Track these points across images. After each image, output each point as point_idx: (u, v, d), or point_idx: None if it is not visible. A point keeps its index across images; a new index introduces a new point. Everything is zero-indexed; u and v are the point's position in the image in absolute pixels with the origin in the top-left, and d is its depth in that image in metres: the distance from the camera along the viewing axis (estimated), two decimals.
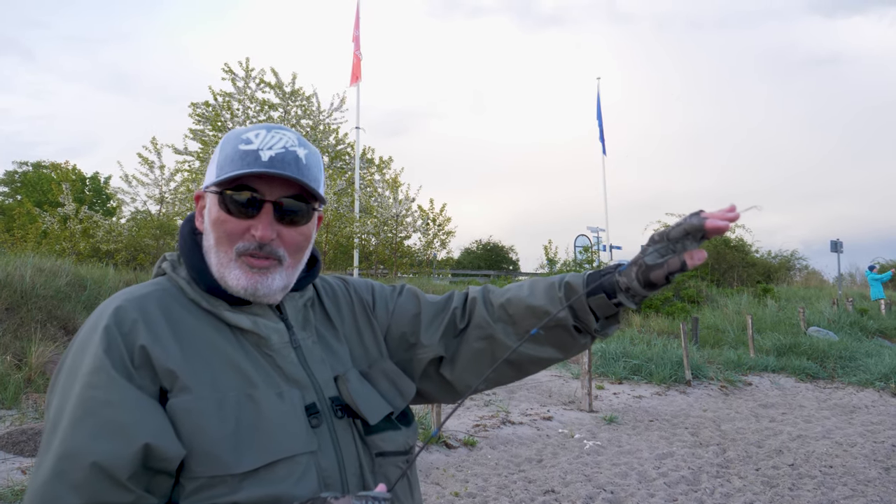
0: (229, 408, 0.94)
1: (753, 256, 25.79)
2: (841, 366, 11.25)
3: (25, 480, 4.08)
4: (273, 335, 1.04)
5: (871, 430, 7.18)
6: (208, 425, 0.92)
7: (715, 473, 5.41)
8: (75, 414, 0.89)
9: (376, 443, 1.06)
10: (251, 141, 1.03)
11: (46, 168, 30.21)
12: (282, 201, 1.03)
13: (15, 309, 7.48)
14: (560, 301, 1.10)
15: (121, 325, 0.95)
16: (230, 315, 1.02)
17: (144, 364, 0.94)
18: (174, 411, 0.92)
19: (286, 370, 1.03)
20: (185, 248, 1.08)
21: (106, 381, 0.90)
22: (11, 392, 5.95)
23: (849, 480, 5.29)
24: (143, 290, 1.03)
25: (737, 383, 9.78)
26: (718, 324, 14.61)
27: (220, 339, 1.00)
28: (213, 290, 1.03)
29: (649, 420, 7.42)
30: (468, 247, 31.78)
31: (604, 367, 10.09)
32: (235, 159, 1.02)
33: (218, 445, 0.91)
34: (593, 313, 1.08)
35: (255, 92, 17.95)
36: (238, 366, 0.99)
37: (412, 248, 19.61)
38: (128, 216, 17.14)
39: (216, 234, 1.03)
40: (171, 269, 1.08)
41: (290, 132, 1.07)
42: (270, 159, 1.01)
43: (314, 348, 1.09)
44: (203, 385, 0.95)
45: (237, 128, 1.10)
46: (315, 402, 1.03)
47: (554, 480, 5.07)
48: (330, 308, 1.18)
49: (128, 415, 0.89)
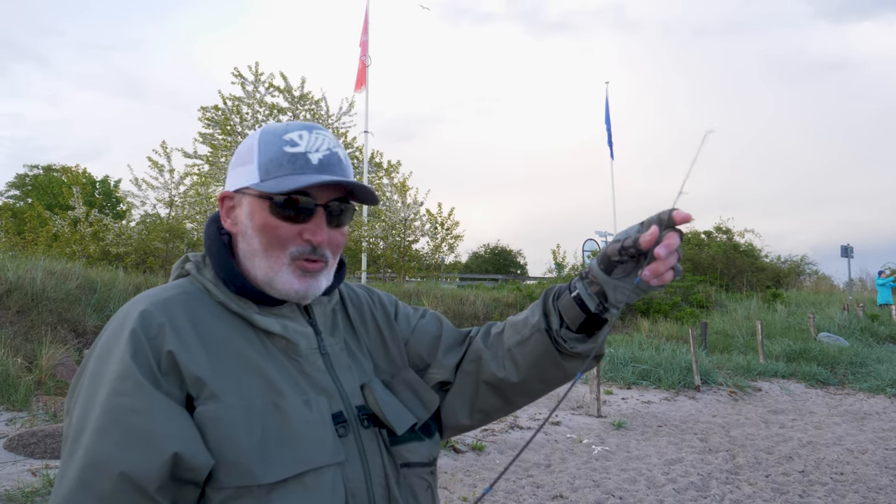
0: (256, 416, 0.92)
1: (763, 261, 25.66)
2: (851, 372, 11.16)
3: (35, 482, 4.10)
4: (302, 340, 1.03)
5: (882, 436, 7.12)
6: (236, 434, 0.90)
7: (724, 480, 5.38)
8: (101, 422, 0.86)
9: (401, 453, 1.05)
10: (296, 143, 1.01)
11: (57, 171, 30.45)
12: (331, 204, 1.02)
13: (26, 311, 7.54)
14: (538, 306, 1.10)
15: (147, 330, 0.92)
16: (259, 318, 1.00)
17: (171, 370, 0.91)
18: (202, 420, 0.90)
19: (313, 377, 1.01)
20: (214, 248, 1.05)
21: (133, 388, 0.88)
22: (22, 394, 5.99)
23: (860, 488, 5.24)
24: (167, 292, 1.01)
25: (746, 389, 9.72)
26: (728, 329, 14.52)
27: (246, 344, 0.98)
28: (242, 291, 1.01)
29: (658, 425, 7.38)
30: (476, 251, 31.77)
31: (612, 371, 10.05)
32: (284, 163, 0.99)
33: (246, 455, 0.89)
34: (563, 322, 1.05)
35: (265, 96, 18.03)
36: (264, 373, 0.96)
37: (420, 252, 19.62)
38: (137, 219, 17.25)
39: (265, 238, 1.00)
40: (196, 271, 1.05)
41: (327, 131, 1.05)
42: (320, 163, 1.00)
43: (341, 355, 1.08)
44: (230, 393, 0.92)
45: (271, 125, 1.06)
46: (342, 410, 1.01)
47: (562, 486, 5.05)
48: (354, 315, 1.17)
49: (156, 423, 0.86)
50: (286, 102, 18.50)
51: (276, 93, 18.29)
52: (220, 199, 1.07)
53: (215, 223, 1.09)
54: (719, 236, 26.51)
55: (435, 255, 19.50)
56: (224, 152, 17.02)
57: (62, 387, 6.52)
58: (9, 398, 5.95)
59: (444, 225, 19.21)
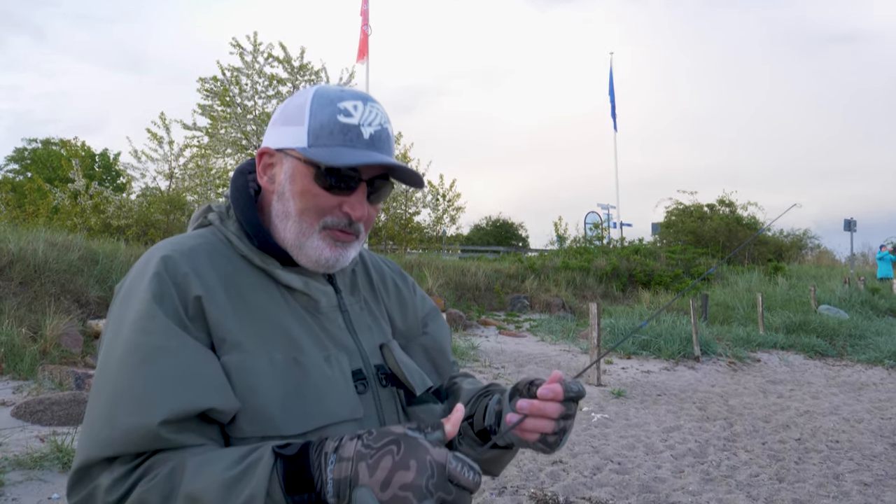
0: (279, 369, 0.92)
1: (765, 235, 25.64)
2: (850, 344, 11.23)
3: (44, 448, 4.16)
4: (322, 298, 1.03)
5: (878, 406, 7.19)
6: (260, 384, 0.89)
7: (721, 447, 5.45)
8: (127, 360, 0.85)
9: (417, 415, 1.05)
10: (351, 114, 0.98)
11: (56, 145, 30.33)
12: (376, 182, 1.01)
13: (28, 283, 7.57)
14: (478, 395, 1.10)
15: (173, 275, 0.91)
16: (282, 274, 1.00)
17: (198, 316, 0.90)
18: (227, 368, 0.89)
19: (333, 334, 1.01)
20: (241, 201, 1.03)
21: (161, 327, 0.87)
22: (27, 363, 6.05)
23: (855, 455, 5.31)
24: (191, 241, 0.99)
25: (745, 360, 9.79)
26: (728, 301, 14.58)
27: (268, 298, 0.98)
28: (264, 247, 1.00)
29: (657, 394, 7.46)
30: (478, 223, 31.78)
31: (613, 341, 10.12)
32: (336, 133, 0.97)
33: (270, 405, 0.89)
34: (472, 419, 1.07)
35: (264, 66, 17.85)
36: (286, 328, 0.96)
37: (422, 224, 19.62)
38: (138, 192, 17.23)
39: (301, 204, 0.99)
40: (219, 221, 1.03)
41: (379, 105, 1.03)
42: (371, 138, 0.98)
43: (361, 314, 1.08)
44: (254, 344, 0.92)
45: (326, 87, 1.03)
46: (361, 368, 1.01)
47: (562, 452, 5.12)
48: (376, 278, 1.18)
49: (185, 365, 0.85)
50: (285, 73, 18.32)
51: (276, 63, 18.10)
52: (259, 155, 1.04)
53: (244, 175, 1.08)
54: (722, 209, 26.46)
55: (436, 227, 19.50)
56: (224, 124, 16.88)
57: (67, 356, 6.58)
58: (14, 367, 6.02)
59: (445, 197, 19.19)
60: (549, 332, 11.50)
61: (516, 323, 12.58)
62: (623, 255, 18.09)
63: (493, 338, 10.78)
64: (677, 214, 27.00)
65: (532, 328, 11.97)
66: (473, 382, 1.18)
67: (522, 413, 0.92)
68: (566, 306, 14.30)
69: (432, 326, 1.21)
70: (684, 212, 26.84)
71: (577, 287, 15.72)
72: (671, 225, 26.65)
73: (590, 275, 16.37)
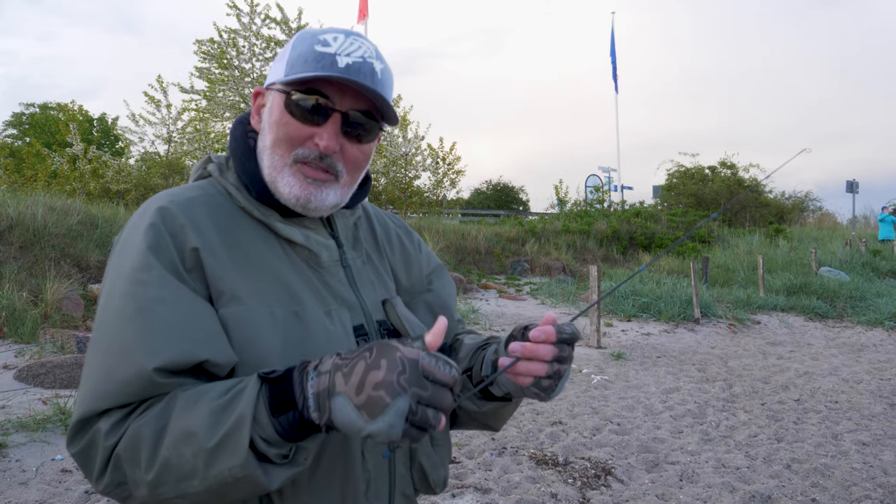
0: (278, 323, 0.90)
1: (767, 197, 25.52)
2: (851, 305, 11.25)
3: (46, 410, 4.19)
4: (323, 251, 1.01)
5: (877, 367, 7.23)
6: (259, 337, 0.88)
7: (721, 407, 5.49)
8: (122, 311, 0.84)
9: None
10: (329, 44, 0.95)
11: (53, 109, 30.05)
12: (350, 113, 0.96)
13: (28, 247, 7.56)
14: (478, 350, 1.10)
15: (169, 226, 0.89)
16: (282, 227, 0.98)
17: (196, 268, 0.89)
18: (225, 320, 0.88)
19: (335, 289, 1.00)
20: (238, 151, 1.01)
21: (156, 278, 0.85)
22: (29, 327, 6.07)
23: (853, 415, 5.35)
24: (188, 192, 0.96)
25: (745, 322, 9.82)
26: (729, 263, 14.57)
27: (269, 251, 0.96)
28: (264, 198, 0.98)
29: (657, 356, 7.49)
30: (478, 187, 31.65)
31: (613, 304, 10.14)
32: (309, 60, 0.94)
33: (269, 359, 0.88)
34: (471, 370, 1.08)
35: (261, 28, 17.54)
36: (286, 282, 0.94)
37: (421, 188, 19.51)
38: (136, 156, 17.11)
39: (274, 134, 0.96)
40: (219, 173, 1.01)
41: (370, 42, 0.99)
42: (347, 66, 0.93)
43: (364, 269, 1.06)
44: (253, 297, 0.90)
45: (312, 27, 1.02)
46: (363, 323, 1.00)
47: (561, 413, 5.16)
48: (380, 233, 1.15)
49: (182, 316, 0.84)
50: (283, 35, 18.02)
51: (273, 25, 17.78)
52: (254, 96, 1.03)
53: (243, 124, 1.05)
54: (723, 171, 26.27)
55: (436, 191, 19.39)
56: (221, 87, 16.65)
57: (68, 320, 6.60)
58: (16, 331, 6.04)
59: (445, 160, 19.03)
60: (550, 295, 11.51)
61: (517, 286, 12.59)
62: (624, 218, 18.02)
63: (494, 301, 10.80)
64: (679, 177, 26.83)
65: (532, 291, 11.98)
66: (475, 337, 1.17)
67: (515, 356, 0.90)
68: (566, 269, 14.30)
69: (437, 283, 1.20)
70: (686, 174, 26.66)
71: (578, 250, 15.70)
72: (672, 187, 26.50)
73: (590, 238, 16.33)
